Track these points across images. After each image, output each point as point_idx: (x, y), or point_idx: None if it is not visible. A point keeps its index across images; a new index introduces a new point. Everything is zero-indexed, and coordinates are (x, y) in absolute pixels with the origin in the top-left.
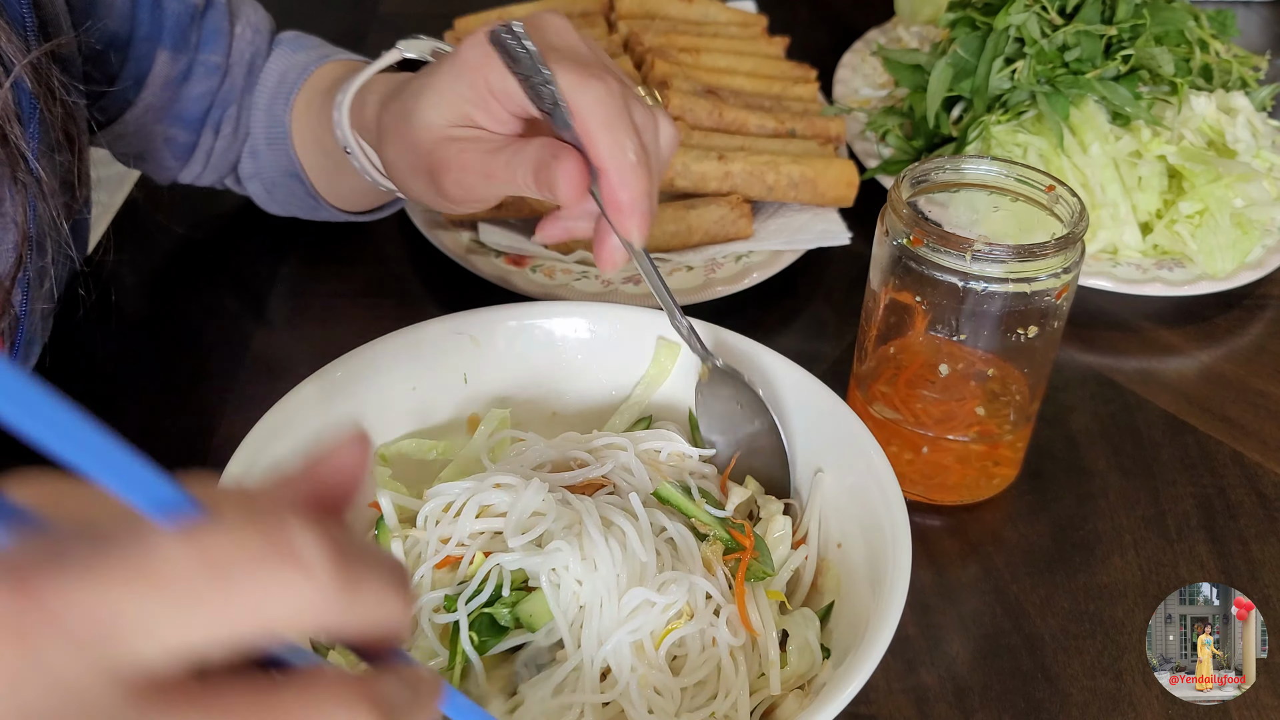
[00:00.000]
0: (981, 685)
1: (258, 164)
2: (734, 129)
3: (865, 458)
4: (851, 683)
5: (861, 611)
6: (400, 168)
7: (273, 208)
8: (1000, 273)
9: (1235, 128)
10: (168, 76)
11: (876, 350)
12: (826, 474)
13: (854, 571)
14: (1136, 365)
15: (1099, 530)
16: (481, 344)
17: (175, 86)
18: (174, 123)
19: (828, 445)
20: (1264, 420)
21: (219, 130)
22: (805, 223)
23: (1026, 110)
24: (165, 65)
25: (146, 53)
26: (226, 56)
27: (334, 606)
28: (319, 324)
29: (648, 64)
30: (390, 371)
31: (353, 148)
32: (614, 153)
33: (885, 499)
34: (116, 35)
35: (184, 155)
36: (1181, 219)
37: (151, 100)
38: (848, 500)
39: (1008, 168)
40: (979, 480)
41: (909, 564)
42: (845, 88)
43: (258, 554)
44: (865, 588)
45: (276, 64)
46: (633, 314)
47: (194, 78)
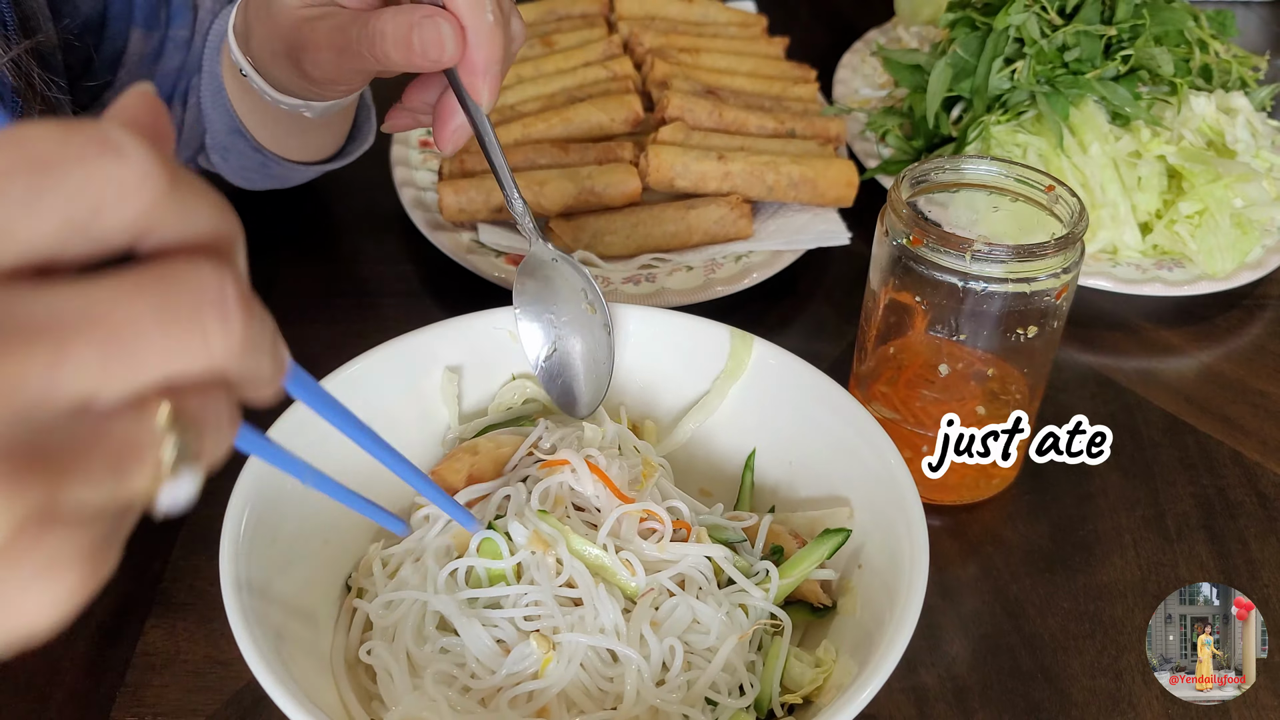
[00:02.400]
0: (981, 685)
1: (211, 128)
2: (734, 129)
3: (888, 469)
4: (866, 689)
5: (876, 619)
6: (264, 58)
7: (235, 179)
8: (1000, 273)
9: (1235, 128)
10: (141, 54)
11: (876, 350)
12: (855, 508)
13: (871, 585)
14: (1136, 365)
15: (1099, 530)
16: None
17: (149, 64)
18: None
19: (849, 455)
20: (1264, 420)
21: (187, 101)
22: (805, 223)
23: (1026, 110)
24: (139, 43)
25: (120, 32)
26: (191, 29)
27: (156, 193)
28: (318, 324)
29: (648, 64)
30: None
31: (245, 68)
32: (473, 10)
33: (905, 514)
34: (90, 18)
35: None
36: (1181, 219)
37: (127, 80)
38: (867, 509)
39: (1007, 168)
40: (979, 480)
41: (924, 583)
42: (845, 88)
43: (77, 145)
44: (881, 598)
45: (220, 22)
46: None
47: (166, 54)
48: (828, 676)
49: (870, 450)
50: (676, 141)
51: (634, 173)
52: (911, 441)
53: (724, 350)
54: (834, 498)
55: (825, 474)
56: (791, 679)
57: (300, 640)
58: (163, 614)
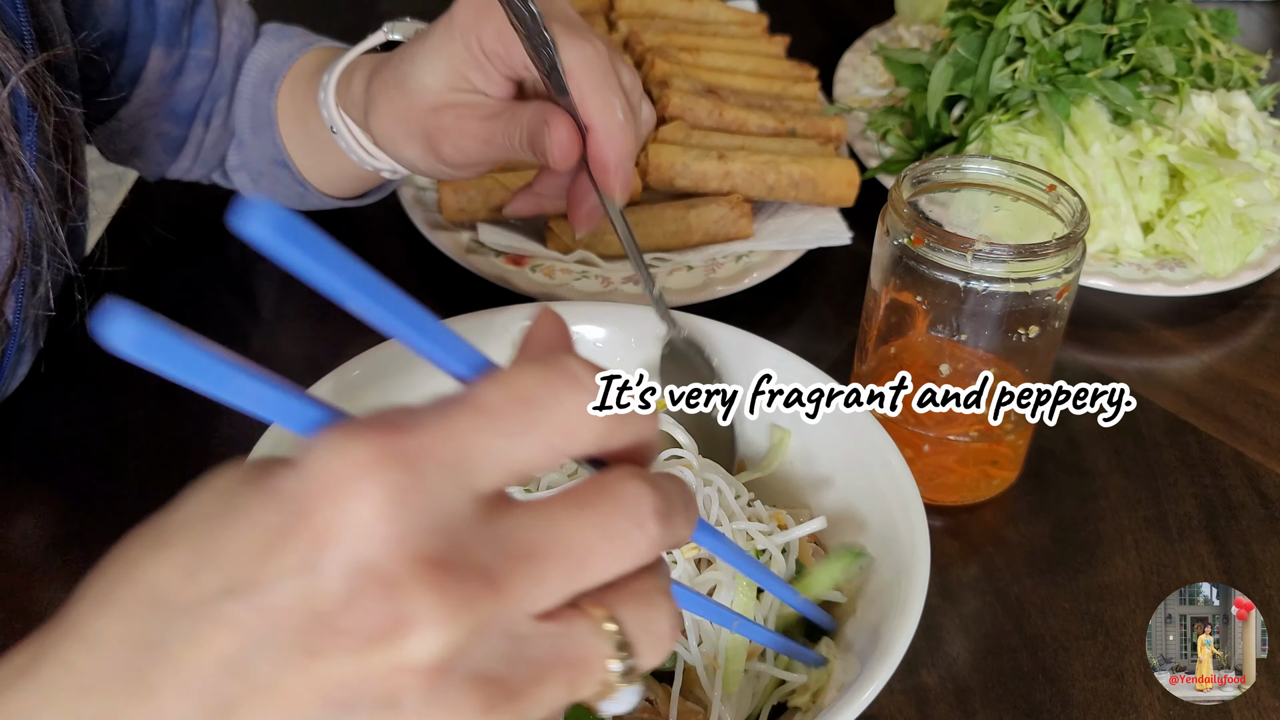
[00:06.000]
0: (982, 686)
1: (244, 154)
2: (734, 128)
3: (886, 465)
4: (868, 688)
5: (878, 618)
6: (393, 136)
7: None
8: (1001, 272)
9: (1236, 127)
10: (161, 72)
11: (877, 350)
12: (847, 492)
13: (872, 584)
14: (1137, 365)
15: (1100, 531)
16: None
17: (168, 82)
18: (166, 118)
19: (846, 453)
20: (1265, 420)
21: (209, 123)
22: (806, 222)
23: (1027, 110)
24: (159, 61)
25: (141, 50)
26: (216, 50)
27: (611, 420)
28: (317, 324)
29: (648, 63)
30: (409, 372)
31: (339, 127)
32: (603, 110)
33: (905, 509)
34: (112, 34)
35: (174, 150)
36: (1183, 219)
37: (146, 96)
38: (868, 509)
39: (1009, 167)
40: (980, 480)
41: (925, 582)
42: (846, 87)
43: (551, 383)
44: (882, 597)
45: (261, 54)
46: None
47: (186, 72)
48: (830, 676)
49: (872, 452)
50: (676, 140)
51: (634, 172)
52: (912, 441)
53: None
54: (839, 502)
55: (827, 476)
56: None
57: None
58: None
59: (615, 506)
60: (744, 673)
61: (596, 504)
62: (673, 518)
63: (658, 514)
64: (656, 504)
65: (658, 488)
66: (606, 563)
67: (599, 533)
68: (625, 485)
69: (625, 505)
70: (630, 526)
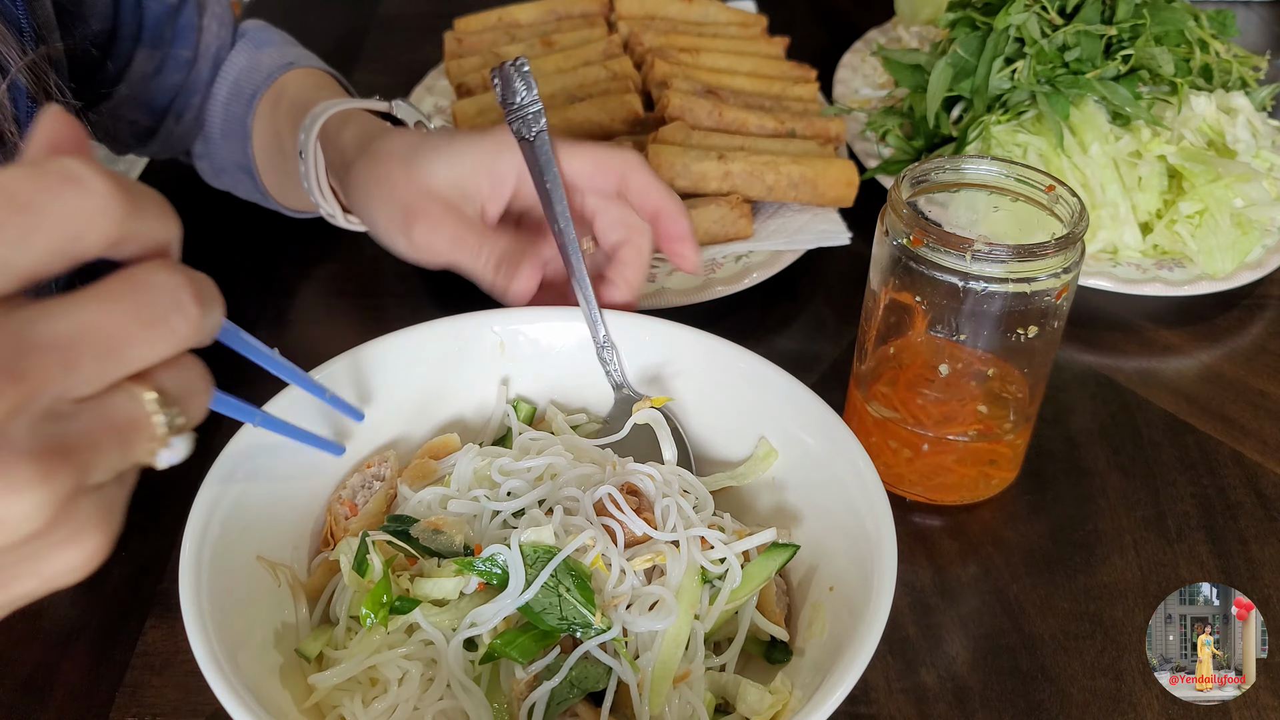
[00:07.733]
0: (981, 685)
1: (209, 149)
2: (734, 129)
3: (849, 460)
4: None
5: (837, 643)
6: (371, 196)
7: (215, 183)
8: (1000, 273)
9: (1235, 128)
10: (143, 72)
11: (876, 350)
12: (816, 508)
13: (839, 596)
14: (1136, 365)
15: (1099, 530)
16: (507, 347)
17: (149, 80)
18: (140, 110)
19: (809, 451)
20: (1264, 420)
21: (181, 118)
22: (805, 223)
23: (1026, 110)
24: (142, 62)
25: (126, 50)
26: (195, 50)
27: (120, 216)
28: (317, 325)
29: (648, 64)
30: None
31: (308, 157)
32: (666, 196)
33: (870, 503)
34: (99, 35)
35: (143, 138)
36: (1181, 219)
37: (126, 93)
38: (830, 506)
39: (1008, 168)
40: (979, 480)
41: (887, 607)
42: (845, 88)
43: (48, 186)
44: (846, 621)
45: (239, 58)
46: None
47: (165, 71)
48: (785, 703)
49: (848, 467)
50: (676, 141)
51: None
52: (912, 441)
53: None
54: (788, 510)
55: (799, 508)
56: (748, 705)
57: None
58: (162, 614)
59: (150, 294)
60: (673, 691)
61: (129, 294)
62: (209, 302)
63: (196, 298)
64: (193, 289)
65: (190, 275)
66: (149, 348)
67: (135, 320)
68: (157, 275)
69: (160, 292)
70: (169, 311)
